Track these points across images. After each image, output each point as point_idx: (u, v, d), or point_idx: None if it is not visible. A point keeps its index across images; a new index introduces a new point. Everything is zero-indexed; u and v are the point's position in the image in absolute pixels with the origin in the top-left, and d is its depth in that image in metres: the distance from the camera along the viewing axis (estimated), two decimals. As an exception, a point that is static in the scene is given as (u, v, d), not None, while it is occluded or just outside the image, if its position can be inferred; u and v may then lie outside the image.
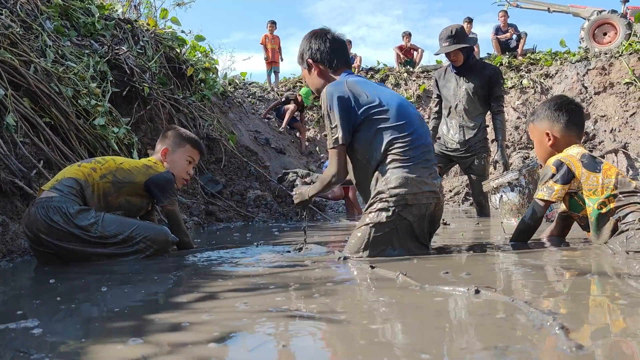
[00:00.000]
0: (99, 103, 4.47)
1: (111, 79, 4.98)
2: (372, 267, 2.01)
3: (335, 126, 2.44)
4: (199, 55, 7.64)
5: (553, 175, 2.51)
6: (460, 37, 4.99)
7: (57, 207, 2.48)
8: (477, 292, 1.48)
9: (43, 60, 4.25)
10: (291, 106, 10.13)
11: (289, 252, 2.72)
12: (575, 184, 2.47)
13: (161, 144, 2.98)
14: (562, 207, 2.72)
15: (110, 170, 2.71)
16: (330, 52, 2.67)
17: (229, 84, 10.94)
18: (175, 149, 2.94)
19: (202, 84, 7.30)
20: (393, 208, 2.37)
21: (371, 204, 2.45)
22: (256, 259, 2.52)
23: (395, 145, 2.41)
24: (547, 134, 2.68)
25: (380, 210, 2.40)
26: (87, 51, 5.00)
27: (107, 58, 5.17)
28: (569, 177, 2.48)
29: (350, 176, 2.62)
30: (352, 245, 2.45)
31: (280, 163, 9.38)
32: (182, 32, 7.13)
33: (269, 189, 6.47)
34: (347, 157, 2.53)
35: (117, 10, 6.52)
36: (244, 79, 12.57)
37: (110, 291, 1.81)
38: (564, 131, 2.65)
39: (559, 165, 2.50)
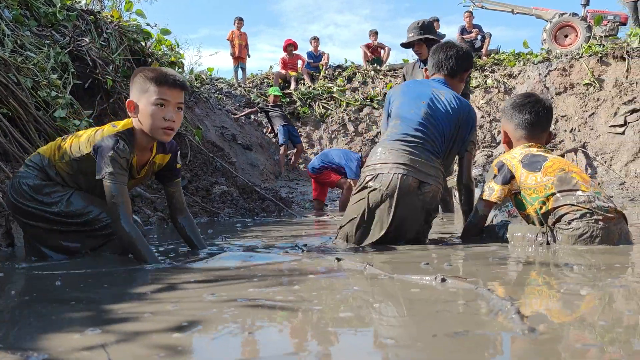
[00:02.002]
0: (59, 95, 4.35)
1: (73, 70, 4.85)
2: (338, 260, 2.02)
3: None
4: (165, 49, 7.50)
5: (495, 176, 2.57)
6: (426, 30, 5.00)
7: (18, 183, 2.33)
8: (443, 280, 1.51)
9: (0, 49, 4.11)
10: (292, 149, 10.05)
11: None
12: (516, 185, 2.53)
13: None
14: None
15: (70, 146, 2.33)
16: (431, 60, 3.09)
17: (196, 79, 10.80)
18: (140, 96, 2.23)
19: (168, 78, 7.17)
20: (364, 177, 2.73)
21: None
22: (225, 251, 2.50)
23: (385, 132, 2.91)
24: (504, 132, 2.74)
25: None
26: (47, 42, 4.86)
27: (68, 49, 5.02)
28: (508, 177, 2.53)
29: None
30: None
31: (247, 159, 9.32)
32: (148, 25, 6.96)
33: (235, 185, 6.42)
34: None
35: (79, 1, 6.35)
36: (210, 75, 12.43)
37: (68, 284, 1.76)
38: (514, 131, 2.68)
39: (501, 166, 2.57)
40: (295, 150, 10.20)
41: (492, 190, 2.57)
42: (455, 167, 5.81)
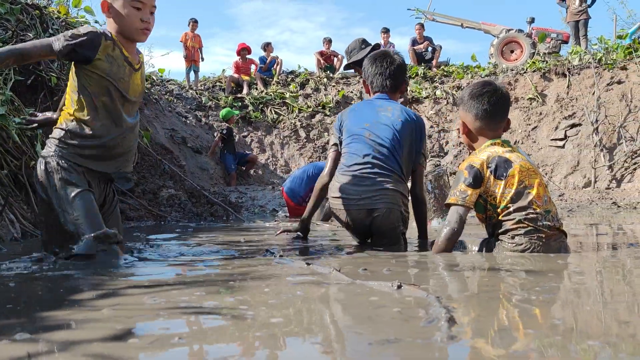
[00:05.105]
0: (-1, 91, 4.18)
1: (14, 66, 4.67)
2: (308, 264, 2.04)
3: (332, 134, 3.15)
4: (114, 47, 7.32)
5: (465, 179, 2.49)
6: (351, 55, 4.92)
7: (40, 160, 2.37)
8: (399, 287, 1.53)
9: (-64, 41, 3.92)
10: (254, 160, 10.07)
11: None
12: (483, 188, 2.50)
13: None
14: None
15: (70, 90, 2.41)
16: (371, 76, 3.09)
17: (146, 80, 10.58)
18: None
19: (116, 78, 7.00)
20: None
21: None
22: (177, 255, 2.46)
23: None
24: (463, 123, 2.63)
25: None
26: (-13, 35, 4.67)
27: (10, 44, 4.84)
28: (479, 180, 2.47)
29: None
30: None
31: (197, 163, 9.20)
32: (96, 22, 6.77)
33: (184, 189, 6.32)
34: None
35: (24, -5, 6.12)
36: (161, 76, 12.21)
37: (3, 287, 1.69)
38: (474, 122, 2.58)
39: (471, 169, 2.49)
40: (252, 163, 10.14)
41: (465, 194, 2.47)
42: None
